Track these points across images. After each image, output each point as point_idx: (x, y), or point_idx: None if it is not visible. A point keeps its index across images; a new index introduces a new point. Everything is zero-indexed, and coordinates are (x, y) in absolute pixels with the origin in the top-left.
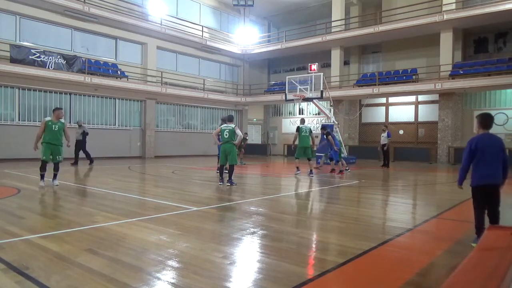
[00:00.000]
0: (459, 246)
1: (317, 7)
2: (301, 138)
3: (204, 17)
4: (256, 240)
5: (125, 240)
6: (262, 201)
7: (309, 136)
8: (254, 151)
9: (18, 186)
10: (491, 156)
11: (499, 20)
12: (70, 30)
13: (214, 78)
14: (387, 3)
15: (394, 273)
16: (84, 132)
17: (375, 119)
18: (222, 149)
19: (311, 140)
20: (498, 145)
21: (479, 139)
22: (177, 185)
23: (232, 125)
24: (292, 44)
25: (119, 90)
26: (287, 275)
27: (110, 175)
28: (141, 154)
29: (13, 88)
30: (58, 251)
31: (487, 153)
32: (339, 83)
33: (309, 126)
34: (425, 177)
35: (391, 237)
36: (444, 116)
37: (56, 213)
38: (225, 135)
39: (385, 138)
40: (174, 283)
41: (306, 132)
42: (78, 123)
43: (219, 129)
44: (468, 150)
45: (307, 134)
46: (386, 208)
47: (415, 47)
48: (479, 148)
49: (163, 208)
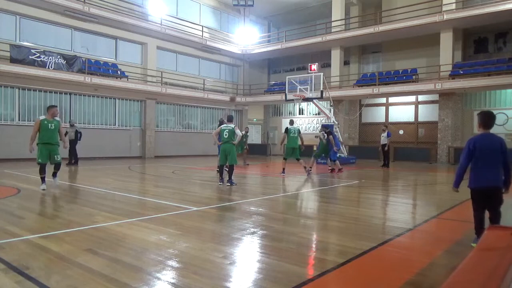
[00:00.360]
0: (459, 246)
1: (317, 7)
2: (289, 139)
3: (204, 17)
4: (256, 240)
5: (125, 240)
6: (262, 201)
7: (297, 137)
8: (254, 151)
9: (18, 186)
10: (490, 157)
11: (499, 20)
12: (70, 30)
13: (214, 78)
14: (387, 3)
15: (394, 273)
16: (77, 132)
17: (375, 119)
18: (222, 149)
19: (299, 141)
20: (498, 146)
21: (478, 139)
22: (177, 185)
23: (231, 125)
24: (292, 44)
25: (119, 90)
26: (287, 275)
27: (110, 175)
28: (141, 154)
29: (13, 88)
30: (58, 251)
31: (486, 154)
32: (339, 83)
33: (298, 127)
34: (425, 177)
35: (391, 237)
36: (444, 116)
37: (56, 213)
38: (224, 135)
39: (385, 138)
40: (174, 283)
41: (295, 133)
42: (71, 122)
43: (219, 129)
44: (467, 150)
45: (295, 135)
46: (386, 208)
47: (415, 47)
48: (477, 148)
49: (163, 208)
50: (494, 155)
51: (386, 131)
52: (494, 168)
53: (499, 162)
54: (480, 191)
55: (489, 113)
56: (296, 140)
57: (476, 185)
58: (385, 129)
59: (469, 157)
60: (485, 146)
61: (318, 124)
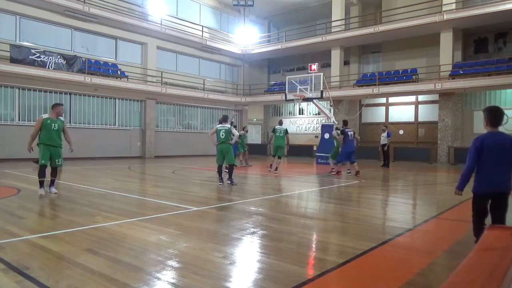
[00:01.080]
0: (459, 246)
1: (317, 7)
2: (275, 138)
3: (204, 17)
4: (256, 240)
5: (125, 240)
6: (262, 201)
7: (283, 137)
8: (254, 151)
9: (18, 186)
10: (499, 158)
11: (499, 20)
12: (70, 30)
13: (214, 78)
14: (387, 3)
15: (394, 273)
16: None
17: (375, 119)
18: (219, 149)
19: (285, 140)
20: (508, 146)
21: (486, 138)
22: (177, 185)
23: (227, 125)
24: (292, 44)
25: (119, 90)
26: (287, 275)
27: (110, 175)
28: (141, 154)
29: (13, 88)
30: (58, 251)
31: (494, 155)
32: (339, 83)
33: (285, 127)
34: (425, 177)
35: (391, 237)
36: (444, 116)
37: (56, 213)
38: (221, 135)
39: (385, 138)
40: (174, 283)
41: (281, 132)
42: None
43: (214, 129)
44: (474, 150)
45: (281, 134)
46: (386, 208)
47: (415, 47)
48: (485, 148)
49: (163, 208)
50: (504, 155)
51: (386, 131)
52: (503, 171)
53: (508, 163)
54: (485, 197)
55: (497, 109)
56: (281, 140)
57: (482, 190)
58: (385, 129)
59: (477, 158)
60: (494, 145)
61: (318, 124)
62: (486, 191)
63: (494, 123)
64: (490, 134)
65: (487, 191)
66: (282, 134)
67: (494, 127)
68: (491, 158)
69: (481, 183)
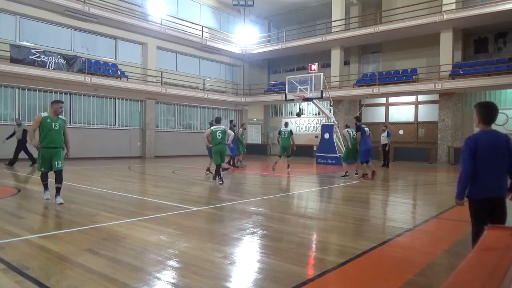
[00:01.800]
0: (459, 246)
1: (317, 7)
2: (281, 139)
3: (204, 17)
4: (256, 240)
5: (125, 240)
6: (262, 201)
7: (288, 138)
8: (254, 151)
9: (18, 186)
10: (494, 159)
11: (499, 20)
12: (70, 30)
13: (214, 78)
14: (387, 3)
15: (394, 273)
16: (25, 131)
17: (375, 119)
18: (217, 150)
19: (291, 141)
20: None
21: (479, 137)
22: (177, 185)
23: (222, 126)
24: (292, 44)
25: (119, 90)
26: (287, 275)
27: (110, 175)
28: (141, 154)
29: (13, 88)
30: (58, 251)
31: (489, 156)
32: (339, 83)
33: (289, 129)
34: (425, 177)
35: (391, 237)
36: (444, 116)
37: (56, 213)
38: (217, 136)
39: (385, 138)
40: (174, 283)
41: (285, 134)
42: (17, 121)
43: (209, 130)
44: (468, 151)
45: (286, 136)
46: (386, 208)
47: (415, 47)
48: (479, 148)
49: (163, 208)
50: (499, 156)
51: (386, 131)
52: (498, 173)
53: (504, 165)
54: (482, 203)
55: (490, 104)
56: (287, 141)
57: (478, 195)
58: (385, 129)
59: (472, 159)
60: (488, 145)
61: (318, 124)
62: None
63: (487, 120)
64: (483, 133)
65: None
66: (287, 136)
67: (487, 124)
68: (485, 160)
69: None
